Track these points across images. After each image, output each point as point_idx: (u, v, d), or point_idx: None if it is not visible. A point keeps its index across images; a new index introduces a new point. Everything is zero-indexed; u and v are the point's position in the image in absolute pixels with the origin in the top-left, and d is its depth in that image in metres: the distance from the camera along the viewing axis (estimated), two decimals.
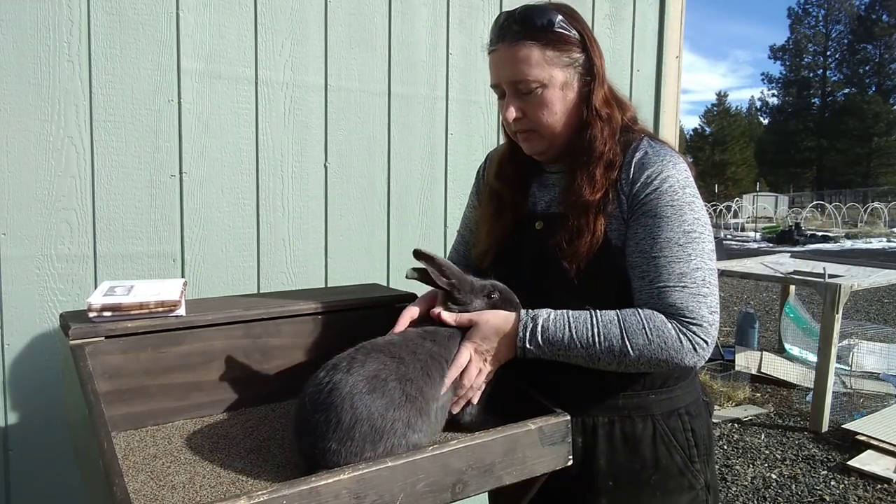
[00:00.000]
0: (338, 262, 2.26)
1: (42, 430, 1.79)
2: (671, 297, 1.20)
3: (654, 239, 1.23)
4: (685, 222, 1.23)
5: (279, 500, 0.89)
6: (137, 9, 1.85)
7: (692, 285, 1.20)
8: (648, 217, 1.24)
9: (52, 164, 1.77)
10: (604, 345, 1.19)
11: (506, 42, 1.30)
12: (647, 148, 1.30)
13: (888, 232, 24.32)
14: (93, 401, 1.03)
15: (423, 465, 1.02)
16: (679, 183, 1.25)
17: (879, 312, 9.25)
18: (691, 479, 1.34)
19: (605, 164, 1.29)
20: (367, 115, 2.28)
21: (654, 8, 2.97)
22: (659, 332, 1.18)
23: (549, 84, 1.29)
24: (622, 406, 1.32)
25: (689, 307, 1.19)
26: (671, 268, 1.21)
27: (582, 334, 1.20)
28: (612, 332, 1.20)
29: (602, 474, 1.32)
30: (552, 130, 1.33)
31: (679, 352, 1.18)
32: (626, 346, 1.19)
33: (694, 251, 1.22)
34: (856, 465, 3.92)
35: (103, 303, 1.24)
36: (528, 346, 1.21)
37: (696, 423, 1.37)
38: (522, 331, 1.22)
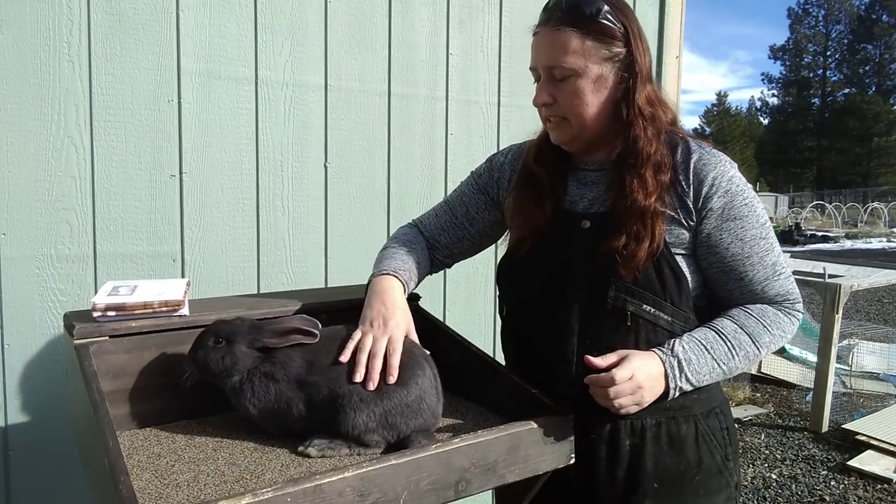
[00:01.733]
0: (338, 262, 2.26)
1: (42, 430, 1.79)
2: (774, 287, 1.30)
3: (742, 240, 1.28)
4: (759, 216, 1.30)
5: (284, 498, 0.89)
6: (137, 9, 1.85)
7: (783, 270, 1.32)
8: (730, 220, 1.28)
9: (52, 164, 1.77)
10: (740, 354, 1.27)
11: (548, 26, 1.28)
12: (698, 150, 1.29)
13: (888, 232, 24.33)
14: (98, 400, 1.03)
15: (426, 463, 1.02)
16: (742, 180, 1.29)
17: (879, 312, 9.26)
18: (727, 477, 1.36)
19: (653, 166, 1.27)
20: (367, 115, 2.28)
21: (654, 8, 2.97)
22: (776, 325, 1.30)
23: (583, 74, 1.26)
24: (669, 407, 1.30)
25: (788, 290, 1.32)
26: (765, 261, 1.29)
27: (720, 353, 1.26)
28: (743, 340, 1.27)
29: (648, 476, 1.30)
30: (581, 121, 1.30)
31: (791, 332, 1.33)
32: (757, 348, 1.28)
33: (773, 239, 1.31)
34: (856, 465, 3.92)
35: (107, 302, 1.24)
36: (680, 382, 1.24)
37: (728, 422, 1.39)
38: (671, 370, 1.24)
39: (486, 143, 2.54)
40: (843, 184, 50.97)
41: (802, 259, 6.34)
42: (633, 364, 1.20)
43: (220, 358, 1.18)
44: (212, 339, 1.19)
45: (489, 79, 2.52)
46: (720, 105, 61.50)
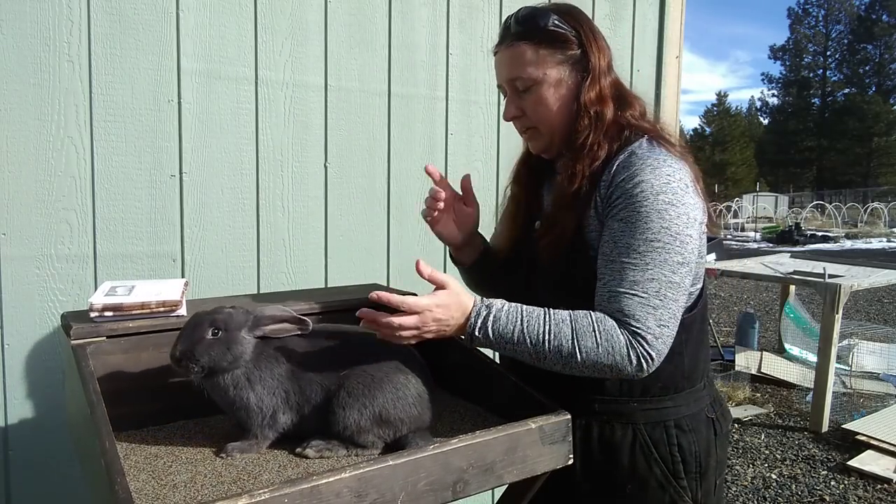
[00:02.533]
0: (338, 262, 2.26)
1: (42, 430, 1.79)
2: (619, 302, 1.18)
3: (615, 243, 1.21)
4: (650, 230, 1.19)
5: (280, 499, 0.89)
6: (137, 9, 1.85)
7: (643, 294, 1.17)
8: (616, 221, 1.23)
9: (52, 164, 1.77)
10: (552, 343, 1.17)
11: (504, 44, 1.36)
12: (636, 149, 1.27)
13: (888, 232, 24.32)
14: (94, 400, 1.03)
15: (424, 463, 1.03)
16: (653, 189, 1.20)
17: (879, 312, 9.26)
18: (673, 494, 1.31)
19: (586, 158, 1.29)
20: (367, 115, 2.28)
21: (654, 8, 2.97)
22: (608, 337, 1.17)
23: (543, 81, 1.32)
24: (599, 411, 1.32)
25: (637, 316, 1.17)
26: (625, 274, 1.19)
27: (533, 330, 1.18)
28: (563, 332, 1.17)
29: (578, 476, 1.31)
30: (550, 126, 1.36)
31: (623, 359, 1.16)
32: (574, 348, 1.16)
33: (652, 261, 1.18)
34: (856, 465, 3.92)
35: (105, 303, 1.24)
36: (477, 333, 1.19)
37: (686, 439, 1.32)
38: (475, 318, 1.19)
39: (486, 143, 2.55)
40: (843, 184, 50.95)
41: (802, 259, 6.33)
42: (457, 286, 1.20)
43: (225, 350, 1.14)
44: (209, 331, 1.14)
45: (489, 79, 2.52)
46: (720, 105, 61.43)
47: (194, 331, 1.14)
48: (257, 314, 1.19)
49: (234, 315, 1.17)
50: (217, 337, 1.14)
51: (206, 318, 1.15)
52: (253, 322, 1.18)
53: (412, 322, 1.15)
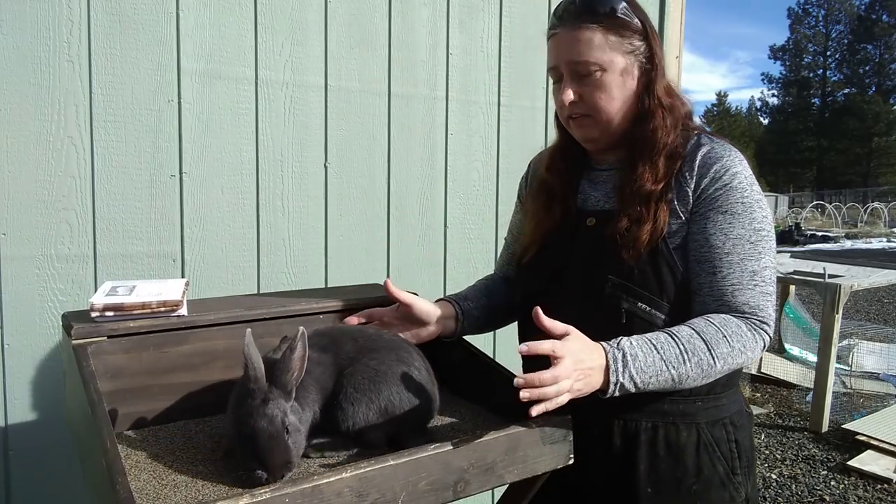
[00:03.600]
0: (338, 262, 2.26)
1: (42, 430, 1.79)
2: (744, 295, 1.21)
3: (726, 235, 1.23)
4: (755, 220, 1.23)
5: (282, 499, 0.89)
6: (137, 9, 1.85)
7: (762, 284, 1.22)
8: (720, 213, 1.23)
9: (52, 164, 1.77)
10: (692, 361, 1.16)
11: (567, 24, 1.28)
12: (709, 143, 1.29)
13: (888, 232, 24.31)
14: (95, 400, 1.03)
15: (424, 463, 1.02)
16: (748, 179, 1.25)
17: (879, 312, 9.26)
18: (733, 491, 1.31)
19: (667, 155, 1.28)
20: (367, 115, 2.28)
21: (654, 8, 2.97)
22: (737, 337, 1.19)
23: (609, 68, 1.27)
24: (667, 411, 1.29)
25: (760, 306, 1.22)
26: (744, 265, 1.22)
27: (670, 355, 1.15)
28: (698, 346, 1.17)
29: (642, 479, 1.28)
30: (608, 116, 1.30)
31: (754, 351, 1.21)
32: (713, 358, 1.17)
33: (763, 249, 1.23)
34: (856, 465, 3.92)
35: (105, 303, 1.24)
36: (622, 378, 1.12)
37: (740, 434, 1.33)
38: (614, 362, 1.13)
39: (486, 143, 2.55)
40: (843, 184, 50.95)
41: (802, 259, 6.33)
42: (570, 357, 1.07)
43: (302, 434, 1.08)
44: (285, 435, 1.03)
45: (489, 79, 2.52)
46: (720, 105, 61.50)
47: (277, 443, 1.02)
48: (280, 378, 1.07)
49: (279, 402, 1.05)
50: (289, 433, 1.04)
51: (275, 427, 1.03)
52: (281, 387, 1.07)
53: (567, 369, 1.06)
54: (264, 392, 1.05)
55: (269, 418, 1.03)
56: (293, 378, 1.08)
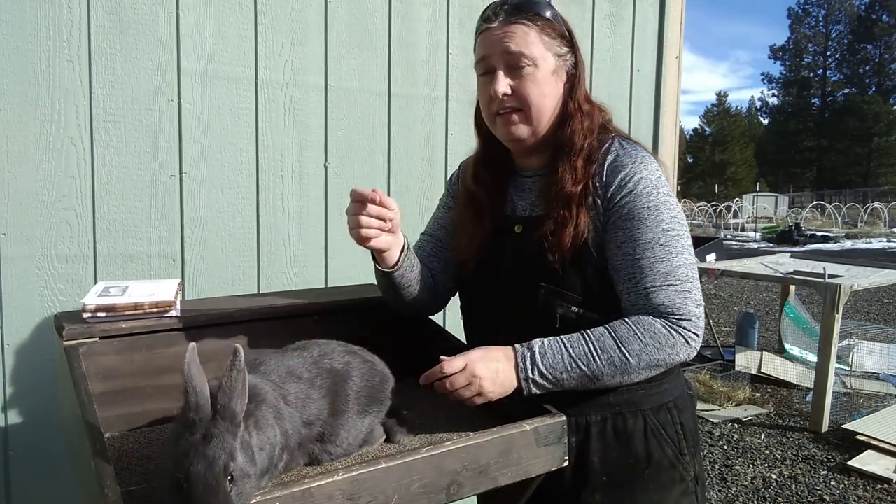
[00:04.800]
0: (338, 262, 2.26)
1: (42, 430, 1.79)
2: (659, 296, 1.23)
3: (635, 241, 1.25)
4: (663, 222, 1.25)
5: (272, 502, 0.89)
6: (137, 9, 1.85)
7: (677, 283, 1.24)
8: (627, 220, 1.26)
9: (52, 164, 1.77)
10: (602, 358, 1.21)
11: (503, 20, 1.31)
12: (618, 150, 1.32)
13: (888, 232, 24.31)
14: (86, 402, 1.03)
15: (417, 465, 1.02)
16: (653, 183, 1.27)
17: (879, 312, 9.25)
18: (682, 471, 1.36)
19: (584, 157, 1.31)
20: (367, 115, 2.28)
21: (654, 8, 2.97)
22: (650, 334, 1.21)
23: (542, 65, 1.31)
24: (613, 402, 1.34)
25: (677, 304, 1.23)
26: (655, 268, 1.24)
27: (579, 352, 1.21)
28: (607, 344, 1.21)
29: (596, 471, 1.33)
30: (539, 111, 1.33)
31: (673, 347, 1.22)
32: (624, 355, 1.20)
33: (674, 249, 1.25)
34: (856, 465, 3.92)
35: (97, 303, 1.24)
36: (532, 375, 1.21)
37: (683, 417, 1.39)
38: (522, 360, 1.21)
39: None
40: (843, 184, 50.93)
41: (802, 259, 6.33)
42: (470, 356, 1.20)
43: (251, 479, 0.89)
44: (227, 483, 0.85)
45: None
46: (720, 105, 61.42)
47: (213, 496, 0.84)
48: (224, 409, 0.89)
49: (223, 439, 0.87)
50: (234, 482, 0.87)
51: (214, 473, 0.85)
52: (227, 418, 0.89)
53: (459, 363, 1.18)
54: (206, 425, 0.87)
55: (208, 462, 0.85)
56: (239, 403, 0.90)
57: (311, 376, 1.13)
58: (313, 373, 1.13)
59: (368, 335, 1.34)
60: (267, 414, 0.99)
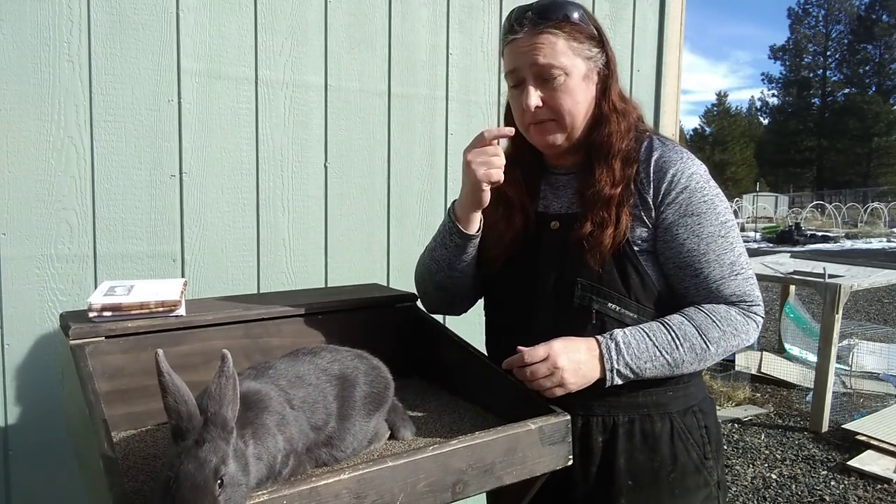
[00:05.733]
0: (338, 262, 2.26)
1: (42, 430, 1.79)
2: (729, 287, 1.28)
3: (699, 237, 1.27)
4: (720, 214, 1.29)
5: (279, 500, 0.89)
6: (137, 9, 1.85)
7: (742, 271, 1.29)
8: (687, 216, 1.28)
9: (52, 164, 1.77)
10: (685, 346, 1.24)
11: (529, 30, 1.29)
12: (660, 147, 1.32)
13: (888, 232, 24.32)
14: (93, 401, 1.03)
15: (423, 464, 1.02)
16: (704, 178, 1.30)
17: (879, 312, 9.25)
18: (706, 475, 1.36)
19: (622, 159, 1.31)
20: (367, 115, 2.28)
21: (654, 8, 2.97)
22: (727, 321, 1.26)
23: (572, 73, 1.29)
24: (642, 404, 1.33)
25: (746, 291, 1.29)
26: (722, 260, 1.27)
27: (662, 341, 1.24)
28: (689, 332, 1.24)
29: (622, 473, 1.32)
30: (572, 120, 1.33)
31: (748, 333, 1.28)
32: (705, 342, 1.24)
33: (734, 239, 1.29)
34: (856, 465, 3.92)
35: (103, 303, 1.24)
36: (617, 365, 1.22)
37: (708, 420, 1.39)
38: (607, 351, 1.23)
39: None
40: (843, 184, 50.94)
41: (802, 259, 6.33)
42: (553, 346, 1.22)
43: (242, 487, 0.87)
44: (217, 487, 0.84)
45: (489, 79, 2.52)
46: (720, 105, 61.44)
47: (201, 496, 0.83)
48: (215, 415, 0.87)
49: (216, 444, 0.86)
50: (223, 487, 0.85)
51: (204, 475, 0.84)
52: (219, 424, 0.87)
53: (541, 352, 1.20)
54: (199, 431, 0.86)
55: (198, 463, 0.83)
56: (230, 410, 0.88)
57: (319, 381, 1.13)
58: (322, 378, 1.14)
59: (368, 335, 1.34)
60: (268, 422, 0.98)
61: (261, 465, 0.93)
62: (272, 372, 1.11)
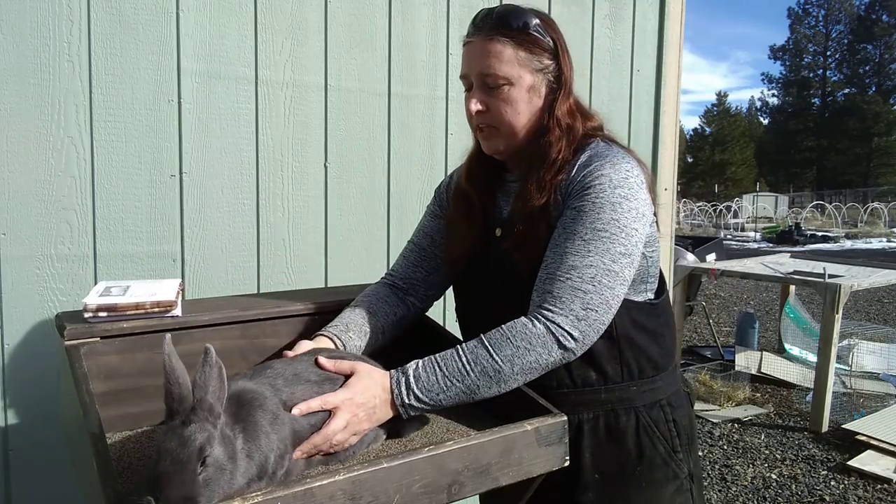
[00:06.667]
0: (338, 262, 2.26)
1: (42, 430, 1.79)
2: (552, 285, 1.21)
3: (564, 229, 1.24)
4: (599, 220, 1.21)
5: (274, 502, 0.89)
6: (137, 9, 1.85)
7: (576, 279, 1.19)
8: (569, 210, 1.26)
9: (52, 164, 1.77)
10: (476, 370, 1.17)
11: (481, 35, 1.30)
12: (593, 150, 1.31)
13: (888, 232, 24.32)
14: (88, 401, 1.03)
15: (418, 465, 1.02)
16: (611, 181, 1.23)
17: (879, 312, 9.25)
18: (675, 468, 1.36)
19: (555, 170, 1.30)
20: (367, 115, 2.28)
21: (654, 8, 2.97)
22: (521, 335, 1.18)
23: (517, 83, 1.30)
24: (605, 400, 1.34)
25: (562, 297, 1.19)
26: (566, 258, 1.21)
27: (453, 370, 1.18)
28: (480, 354, 1.18)
29: (588, 468, 1.33)
30: (512, 129, 1.33)
31: (545, 347, 1.18)
32: (497, 362, 1.17)
33: (595, 249, 1.20)
34: (856, 465, 3.92)
35: (99, 303, 1.24)
36: (408, 400, 1.16)
37: (677, 414, 1.39)
38: (397, 386, 1.17)
39: None
40: (843, 184, 50.93)
41: (802, 259, 6.32)
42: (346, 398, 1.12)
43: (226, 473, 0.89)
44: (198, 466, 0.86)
45: None
46: (720, 105, 61.42)
47: (181, 471, 0.84)
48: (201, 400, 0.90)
49: (203, 426, 0.88)
50: (206, 467, 0.87)
51: (186, 452, 0.86)
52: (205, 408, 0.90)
53: (340, 422, 1.09)
54: (187, 413, 0.88)
55: (182, 440, 0.86)
56: (215, 397, 0.90)
57: (319, 379, 1.13)
58: (322, 377, 1.14)
59: None
60: (261, 421, 0.98)
61: (252, 463, 0.93)
62: (269, 372, 1.11)
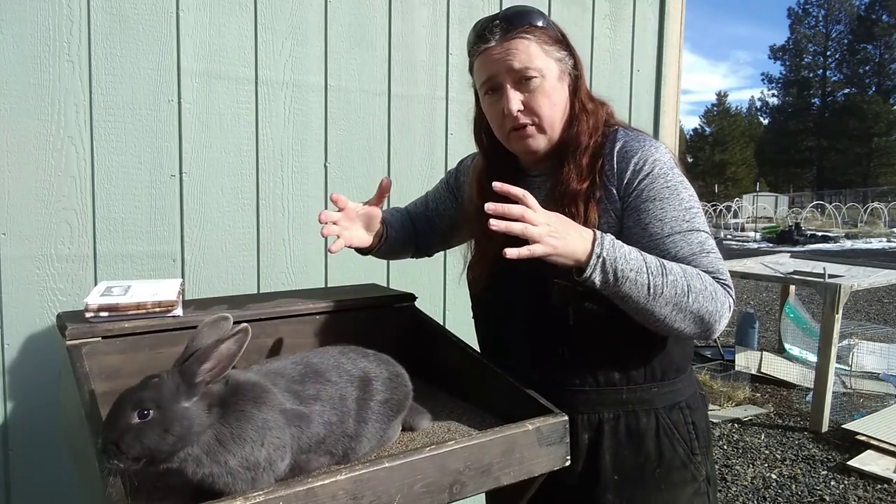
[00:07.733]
0: (338, 262, 2.26)
1: (42, 430, 1.79)
2: (702, 263, 1.22)
3: (662, 221, 1.25)
4: (684, 200, 1.26)
5: (276, 501, 0.89)
6: (137, 9, 1.85)
7: (713, 251, 1.24)
8: (650, 202, 1.26)
9: (52, 164, 1.77)
10: (668, 278, 1.16)
11: (501, 38, 1.31)
12: (624, 137, 1.33)
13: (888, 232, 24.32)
14: (89, 401, 1.03)
15: (420, 465, 1.02)
16: (668, 164, 1.28)
17: (879, 312, 9.25)
18: (694, 471, 1.36)
19: (590, 155, 1.32)
20: (367, 115, 2.28)
21: (654, 8, 2.97)
22: (709, 282, 1.20)
23: (548, 75, 1.31)
24: (626, 400, 1.34)
25: (719, 268, 1.23)
26: (689, 239, 1.24)
27: (652, 262, 1.17)
28: (675, 270, 1.18)
29: (607, 469, 1.33)
30: (552, 123, 1.34)
31: (721, 306, 1.19)
32: (687, 285, 1.17)
33: (700, 223, 1.26)
34: (856, 465, 3.92)
35: (100, 303, 1.24)
36: (604, 253, 1.13)
37: (696, 416, 1.39)
38: (601, 238, 1.15)
39: None
40: (843, 184, 50.94)
41: (802, 259, 6.32)
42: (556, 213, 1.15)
43: (161, 432, 0.87)
44: (135, 415, 0.86)
45: None
46: (720, 105, 61.43)
47: (117, 417, 0.87)
48: (186, 365, 0.91)
49: (163, 384, 0.89)
50: (146, 419, 0.86)
51: (129, 399, 0.88)
52: (186, 379, 0.90)
53: (542, 213, 1.12)
54: (159, 374, 0.90)
55: (132, 392, 0.87)
56: (205, 371, 0.90)
57: (340, 380, 1.13)
58: (344, 378, 1.14)
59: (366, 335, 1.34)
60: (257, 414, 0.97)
61: (241, 453, 0.93)
62: (278, 366, 1.12)
